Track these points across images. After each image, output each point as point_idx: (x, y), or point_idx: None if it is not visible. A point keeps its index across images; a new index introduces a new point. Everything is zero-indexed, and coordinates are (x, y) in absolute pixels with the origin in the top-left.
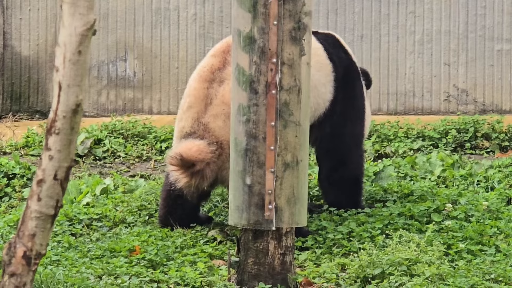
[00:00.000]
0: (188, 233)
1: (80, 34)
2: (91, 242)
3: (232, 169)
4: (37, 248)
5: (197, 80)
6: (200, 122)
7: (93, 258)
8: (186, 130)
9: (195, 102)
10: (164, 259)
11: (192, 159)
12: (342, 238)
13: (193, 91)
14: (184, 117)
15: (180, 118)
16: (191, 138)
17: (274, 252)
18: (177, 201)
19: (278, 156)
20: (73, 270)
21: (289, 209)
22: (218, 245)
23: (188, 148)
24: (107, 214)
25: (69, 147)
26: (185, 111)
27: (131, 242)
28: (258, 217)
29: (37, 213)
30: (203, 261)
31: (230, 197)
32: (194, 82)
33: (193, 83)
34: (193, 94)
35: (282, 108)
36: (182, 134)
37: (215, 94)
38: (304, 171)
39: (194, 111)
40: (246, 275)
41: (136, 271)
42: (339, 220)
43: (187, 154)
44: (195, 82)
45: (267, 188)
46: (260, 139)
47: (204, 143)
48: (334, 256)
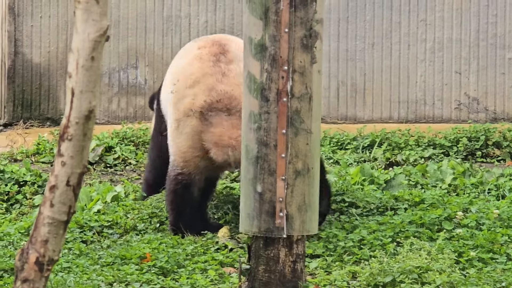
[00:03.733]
0: (199, 241)
1: (93, 40)
2: (102, 249)
3: (243, 177)
4: (49, 254)
5: (198, 61)
6: (220, 91)
7: (104, 265)
8: (202, 101)
9: (203, 77)
10: (175, 266)
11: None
12: (353, 246)
13: (196, 69)
14: (192, 92)
15: (182, 96)
16: (216, 109)
17: (285, 260)
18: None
19: (289, 164)
20: (84, 277)
21: (300, 217)
22: (229, 253)
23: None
24: (118, 221)
25: (82, 153)
26: (190, 87)
27: (142, 249)
28: (269, 225)
29: (49, 219)
30: (214, 269)
31: (241, 205)
32: (194, 63)
33: (193, 63)
34: (198, 71)
35: (293, 116)
36: (198, 107)
37: (227, 69)
38: (315, 178)
39: (206, 83)
40: (257, 283)
41: (147, 278)
42: (350, 228)
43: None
44: (197, 62)
45: (278, 196)
46: (271, 146)
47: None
48: (345, 264)
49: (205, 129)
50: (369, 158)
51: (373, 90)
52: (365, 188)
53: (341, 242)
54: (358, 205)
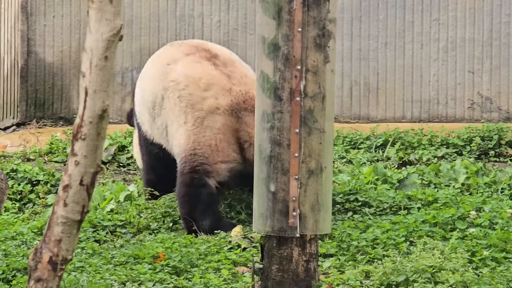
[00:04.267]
0: (212, 240)
1: (106, 39)
2: (115, 248)
3: (256, 176)
4: (63, 254)
5: (198, 65)
6: (238, 91)
7: (117, 265)
8: (229, 100)
9: (214, 79)
10: (188, 265)
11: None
12: (366, 245)
13: (202, 73)
14: (211, 94)
15: (201, 97)
16: (246, 110)
17: (298, 259)
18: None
19: (302, 163)
20: (97, 276)
21: (313, 216)
22: (242, 252)
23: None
24: (131, 221)
25: (95, 152)
26: (206, 90)
27: (155, 248)
28: (282, 224)
29: (63, 218)
30: (227, 268)
31: (254, 204)
32: (195, 67)
33: (194, 68)
34: (205, 75)
35: (307, 115)
36: (226, 105)
37: (229, 71)
38: (329, 178)
39: (220, 85)
40: (270, 282)
41: (160, 278)
42: (363, 227)
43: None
44: (198, 66)
45: (291, 195)
46: (284, 146)
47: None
48: (358, 263)
49: (241, 128)
50: (382, 158)
51: (386, 89)
52: (378, 187)
53: (354, 241)
54: (371, 204)
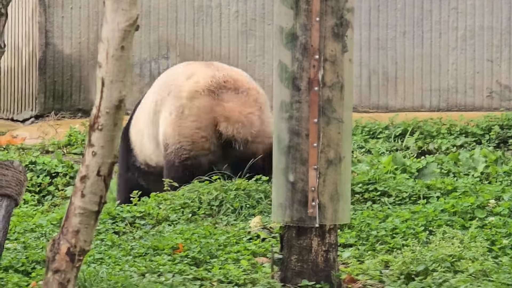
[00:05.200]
0: (231, 231)
1: (123, 29)
2: (134, 240)
3: (275, 167)
4: (81, 245)
5: (182, 66)
6: (221, 75)
7: (136, 256)
8: (209, 81)
9: (198, 70)
10: (208, 256)
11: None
12: (385, 234)
13: (186, 68)
14: (192, 81)
15: (181, 86)
16: (225, 88)
17: (318, 249)
18: None
19: (321, 153)
20: (116, 268)
21: (333, 206)
22: (261, 243)
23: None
24: (150, 212)
25: (112, 143)
26: (188, 78)
27: (174, 240)
28: (301, 214)
29: (80, 209)
30: (246, 259)
31: (273, 194)
32: (177, 68)
33: (177, 69)
34: (189, 69)
35: (325, 105)
36: (205, 86)
37: (213, 65)
38: (347, 168)
39: (203, 72)
40: (289, 272)
41: (180, 269)
42: (382, 217)
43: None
44: (182, 66)
45: (310, 185)
46: (303, 136)
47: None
48: (377, 253)
49: (217, 103)
50: (401, 147)
51: (405, 78)
52: (397, 177)
53: (373, 231)
54: (390, 194)
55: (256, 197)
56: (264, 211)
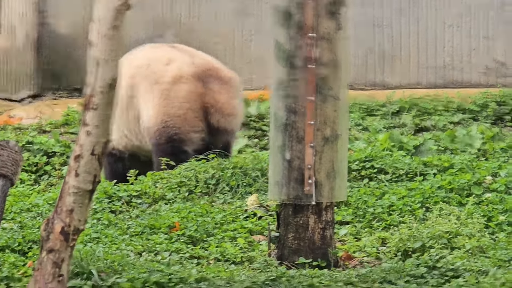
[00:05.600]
0: (228, 209)
1: (115, 9)
2: (131, 219)
3: (271, 144)
4: (75, 224)
5: (156, 47)
6: (202, 63)
7: (133, 235)
8: (192, 68)
9: (175, 56)
10: (204, 235)
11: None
12: (382, 212)
13: (164, 53)
14: (174, 67)
15: (163, 71)
16: (211, 77)
17: (314, 227)
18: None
19: (318, 131)
20: (113, 247)
21: (329, 184)
22: (258, 221)
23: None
24: (147, 191)
25: (107, 122)
26: (168, 64)
27: (171, 218)
28: (298, 192)
29: (75, 188)
30: (243, 237)
31: (269, 172)
32: (154, 50)
33: (154, 51)
34: (166, 54)
35: (321, 83)
36: (189, 73)
37: (189, 50)
38: (344, 145)
39: (182, 59)
40: (286, 250)
41: (176, 248)
42: (379, 194)
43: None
44: (156, 48)
45: (307, 163)
46: (299, 113)
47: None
48: (374, 230)
49: (206, 92)
50: (398, 124)
51: (401, 56)
52: (394, 154)
53: (370, 208)
54: (387, 171)
55: (253, 175)
56: (260, 189)
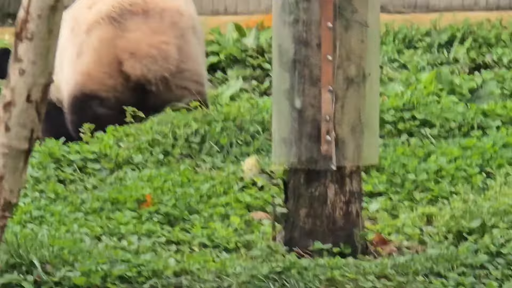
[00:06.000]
0: (217, 176)
1: None
2: (86, 190)
3: (275, 88)
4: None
5: None
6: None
7: (88, 213)
8: (110, 6)
9: None
10: (186, 212)
11: None
12: (427, 179)
13: None
14: (95, 9)
15: (84, 18)
16: (130, 13)
17: (335, 200)
18: None
19: (338, 69)
20: (62, 228)
21: (355, 141)
22: (258, 192)
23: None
24: (107, 153)
25: (47, 57)
26: (90, 7)
27: (140, 189)
28: (312, 153)
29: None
30: (238, 214)
31: (273, 126)
32: None
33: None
34: None
35: (343, 3)
36: (106, 14)
37: None
38: (374, 88)
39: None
40: (297, 232)
41: (148, 230)
42: (423, 155)
43: None
44: None
45: (324, 113)
46: (313, 46)
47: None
48: (416, 203)
49: (119, 34)
50: (447, 60)
51: None
52: (442, 100)
53: (410, 174)
54: (433, 123)
55: (251, 130)
56: (261, 149)
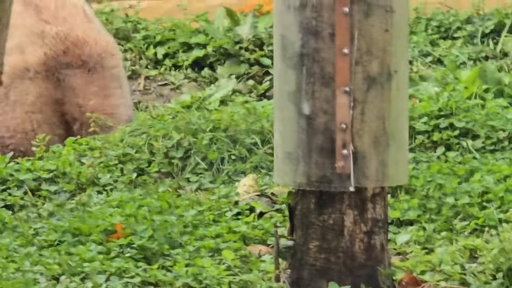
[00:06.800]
0: (205, 201)
1: None
2: (40, 219)
3: (277, 88)
4: None
5: None
6: (56, 35)
7: (43, 247)
8: (41, 53)
9: (16, 17)
10: (166, 245)
11: None
12: (470, 203)
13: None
14: (13, 45)
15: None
16: (69, 66)
17: (354, 230)
18: None
19: (357, 66)
20: (10, 267)
21: (378, 155)
22: (257, 220)
23: None
24: (66, 171)
25: None
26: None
27: (109, 218)
28: (325, 171)
29: None
30: (232, 248)
31: (275, 137)
32: None
33: None
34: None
35: None
36: (37, 63)
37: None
38: (402, 89)
39: (26, 26)
40: (306, 271)
41: (118, 267)
42: (464, 173)
43: None
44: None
45: (339, 121)
46: (325, 36)
47: None
48: (457, 234)
49: (64, 98)
50: (493, 53)
51: None
52: (487, 104)
53: (449, 197)
54: (476, 133)
55: (247, 142)
56: (260, 166)
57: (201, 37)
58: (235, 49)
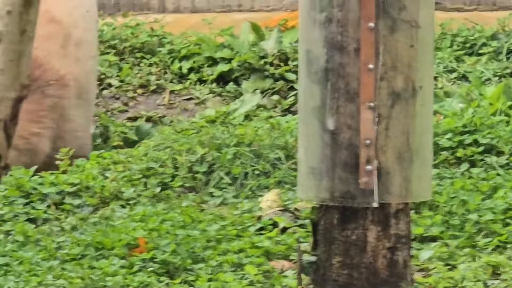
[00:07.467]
0: (228, 215)
1: None
2: (63, 232)
3: (302, 104)
4: None
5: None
6: None
7: (66, 261)
8: None
9: None
10: (188, 260)
11: None
12: (493, 220)
13: None
14: None
15: None
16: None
17: (377, 246)
18: None
19: (382, 81)
20: (33, 281)
21: (402, 171)
22: (280, 235)
23: None
24: (90, 185)
25: (18, 64)
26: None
27: (132, 232)
28: (349, 186)
29: None
30: (254, 263)
31: (299, 152)
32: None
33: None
34: None
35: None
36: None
37: None
38: (427, 105)
39: None
40: (328, 286)
41: (140, 282)
42: (488, 190)
43: None
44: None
45: (364, 136)
46: (350, 51)
47: None
48: (480, 251)
49: None
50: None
51: None
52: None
53: (472, 214)
54: (501, 150)
55: (271, 157)
56: (284, 181)
57: (226, 52)
58: (260, 64)
